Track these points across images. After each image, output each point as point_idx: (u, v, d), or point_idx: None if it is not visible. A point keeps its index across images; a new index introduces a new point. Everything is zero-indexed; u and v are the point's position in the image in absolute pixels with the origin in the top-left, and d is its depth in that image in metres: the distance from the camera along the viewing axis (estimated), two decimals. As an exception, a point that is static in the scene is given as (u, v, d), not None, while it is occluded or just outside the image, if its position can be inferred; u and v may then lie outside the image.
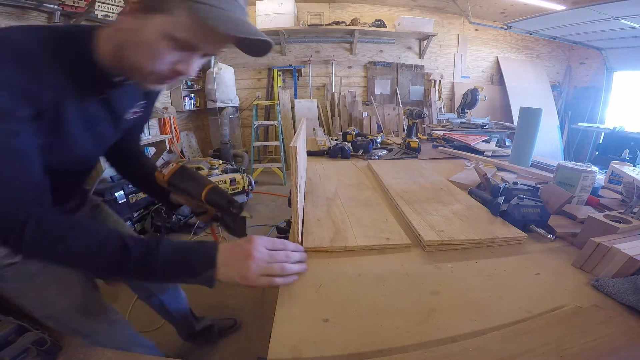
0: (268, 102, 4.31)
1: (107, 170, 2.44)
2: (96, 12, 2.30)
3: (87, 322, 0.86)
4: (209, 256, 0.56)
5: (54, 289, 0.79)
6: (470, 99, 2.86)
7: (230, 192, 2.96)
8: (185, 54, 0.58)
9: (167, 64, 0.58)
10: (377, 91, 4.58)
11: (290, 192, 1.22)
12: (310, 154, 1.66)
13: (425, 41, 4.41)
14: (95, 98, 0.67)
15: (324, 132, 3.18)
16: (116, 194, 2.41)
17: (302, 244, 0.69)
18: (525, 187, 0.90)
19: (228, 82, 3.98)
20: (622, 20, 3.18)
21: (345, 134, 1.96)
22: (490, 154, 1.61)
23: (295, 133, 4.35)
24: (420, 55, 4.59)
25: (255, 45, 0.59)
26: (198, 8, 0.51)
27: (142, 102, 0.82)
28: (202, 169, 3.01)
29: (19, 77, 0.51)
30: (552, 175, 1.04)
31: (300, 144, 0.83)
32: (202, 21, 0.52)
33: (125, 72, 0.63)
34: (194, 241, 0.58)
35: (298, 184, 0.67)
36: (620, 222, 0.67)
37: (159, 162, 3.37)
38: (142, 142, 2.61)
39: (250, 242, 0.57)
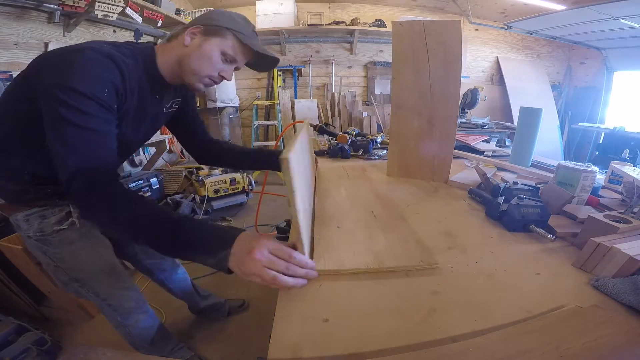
0: (268, 102, 4.31)
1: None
2: (96, 12, 2.30)
3: (108, 285, 0.99)
4: (227, 240, 0.56)
5: (87, 253, 0.93)
6: (470, 99, 2.86)
7: (230, 192, 2.96)
8: (228, 65, 0.86)
9: (216, 71, 0.84)
10: (377, 91, 4.58)
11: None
12: (310, 153, 1.66)
13: (426, 41, 4.40)
14: (154, 97, 0.87)
15: (324, 132, 3.17)
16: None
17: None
18: (525, 187, 0.90)
19: (228, 82, 3.98)
20: (622, 20, 3.18)
21: (345, 134, 1.95)
22: (490, 153, 1.61)
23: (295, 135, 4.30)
24: (421, 55, 4.59)
25: (267, 62, 0.92)
26: (240, 36, 0.81)
27: (177, 100, 1.01)
28: (202, 169, 3.01)
29: (116, 78, 0.69)
30: (552, 175, 1.04)
31: (298, 153, 0.66)
32: (242, 42, 0.82)
33: (180, 78, 0.85)
34: (223, 226, 0.62)
35: (297, 207, 0.54)
36: (620, 222, 0.67)
37: (164, 159, 3.35)
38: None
39: (257, 241, 0.55)
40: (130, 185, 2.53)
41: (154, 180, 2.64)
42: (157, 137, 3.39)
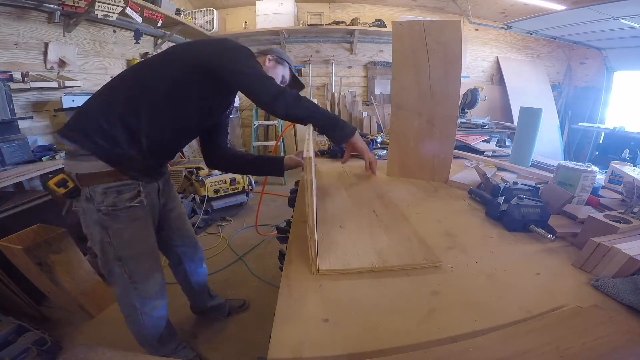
0: (268, 102, 4.29)
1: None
2: (96, 12, 2.30)
3: (145, 266, 1.07)
4: (353, 128, 1.07)
5: (143, 231, 1.04)
6: (470, 99, 2.86)
7: (230, 192, 2.96)
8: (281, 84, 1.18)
9: None
10: (377, 91, 4.58)
11: (292, 193, 1.22)
12: (310, 153, 1.66)
13: (425, 41, 4.40)
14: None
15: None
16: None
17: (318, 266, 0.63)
18: (525, 187, 0.90)
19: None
20: (622, 20, 3.18)
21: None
22: (490, 153, 1.61)
23: (294, 134, 4.37)
24: (421, 55, 4.59)
25: (296, 85, 1.27)
26: (292, 67, 1.22)
27: (232, 107, 1.28)
28: (202, 169, 3.01)
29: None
30: (552, 175, 1.04)
31: (312, 152, 0.72)
32: (292, 72, 1.23)
33: None
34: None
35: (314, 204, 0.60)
36: (620, 222, 0.67)
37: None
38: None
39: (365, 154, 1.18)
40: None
41: (154, 180, 2.64)
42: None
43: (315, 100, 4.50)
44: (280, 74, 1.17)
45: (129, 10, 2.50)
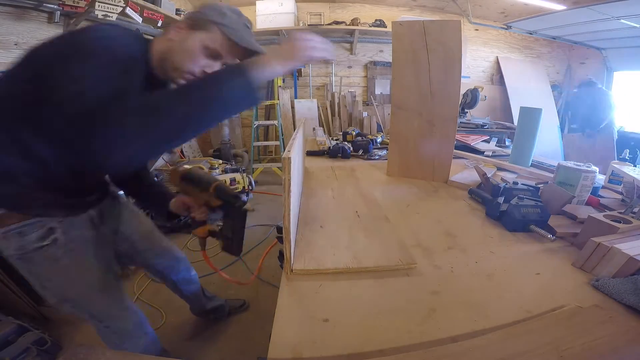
0: (268, 102, 4.30)
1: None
2: (96, 12, 2.30)
3: (104, 305, 0.91)
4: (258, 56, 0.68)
5: (75, 271, 0.85)
6: (470, 99, 2.86)
7: (230, 192, 2.96)
8: (212, 61, 0.77)
9: (199, 67, 0.76)
10: (377, 91, 4.57)
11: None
12: (310, 153, 1.66)
13: (426, 41, 4.40)
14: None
15: (324, 132, 3.17)
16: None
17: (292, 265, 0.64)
18: (525, 187, 0.90)
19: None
20: (622, 20, 3.18)
21: (345, 134, 1.96)
22: (490, 153, 1.61)
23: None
24: (420, 55, 4.58)
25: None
26: (225, 29, 0.75)
27: None
28: (202, 169, 3.01)
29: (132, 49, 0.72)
30: (552, 175, 1.04)
31: (296, 152, 0.70)
32: (227, 37, 0.75)
33: (165, 72, 0.78)
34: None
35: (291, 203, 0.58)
36: (620, 222, 0.67)
37: (164, 159, 3.32)
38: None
39: (293, 34, 0.65)
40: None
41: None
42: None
43: (315, 101, 4.53)
44: (196, 46, 0.75)
45: (129, 10, 2.49)
